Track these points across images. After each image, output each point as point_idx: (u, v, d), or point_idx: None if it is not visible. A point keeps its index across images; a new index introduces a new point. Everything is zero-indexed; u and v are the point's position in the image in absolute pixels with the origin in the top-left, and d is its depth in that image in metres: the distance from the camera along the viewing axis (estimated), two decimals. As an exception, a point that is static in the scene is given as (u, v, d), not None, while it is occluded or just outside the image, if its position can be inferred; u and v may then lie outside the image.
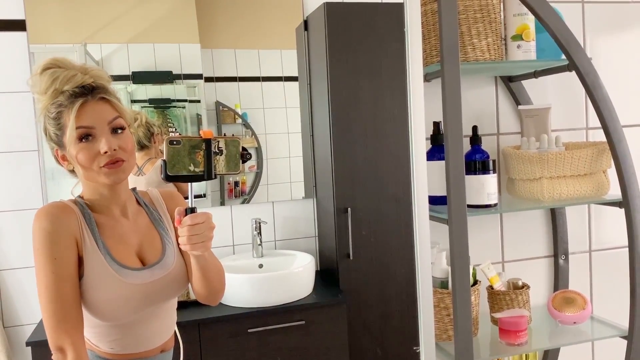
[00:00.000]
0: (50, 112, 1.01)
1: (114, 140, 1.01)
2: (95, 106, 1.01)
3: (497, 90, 1.86)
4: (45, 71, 1.01)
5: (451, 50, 1.25)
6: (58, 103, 1.00)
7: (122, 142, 1.02)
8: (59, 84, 1.00)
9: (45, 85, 1.01)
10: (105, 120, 1.01)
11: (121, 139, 1.03)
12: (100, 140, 1.00)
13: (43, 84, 1.01)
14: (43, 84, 1.01)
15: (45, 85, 1.01)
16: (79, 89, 1.00)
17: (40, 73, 1.01)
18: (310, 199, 2.04)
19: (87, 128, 1.00)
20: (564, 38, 1.39)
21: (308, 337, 1.66)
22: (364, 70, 1.78)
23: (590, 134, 1.96)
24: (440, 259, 1.58)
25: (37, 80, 1.02)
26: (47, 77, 1.00)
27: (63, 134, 1.00)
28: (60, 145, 1.03)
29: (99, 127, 1.01)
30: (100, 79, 1.04)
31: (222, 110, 1.97)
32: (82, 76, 1.01)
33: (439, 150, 1.50)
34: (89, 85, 1.01)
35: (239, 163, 1.03)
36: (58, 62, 1.02)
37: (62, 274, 0.99)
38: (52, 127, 1.02)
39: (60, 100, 1.00)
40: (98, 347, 1.09)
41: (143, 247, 1.11)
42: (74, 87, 1.00)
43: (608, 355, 2.04)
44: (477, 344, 1.58)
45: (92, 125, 1.00)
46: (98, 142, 1.00)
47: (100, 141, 1.00)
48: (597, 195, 1.57)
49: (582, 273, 1.99)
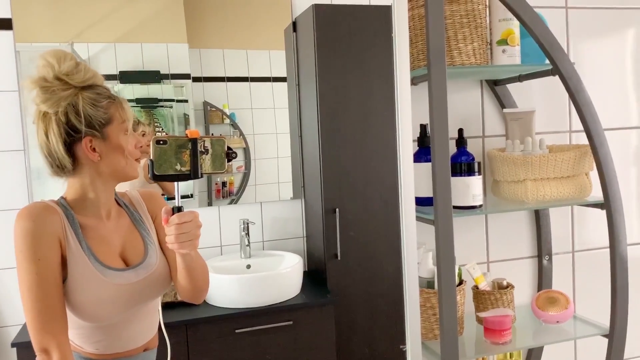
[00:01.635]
0: (96, 100, 1.04)
1: None
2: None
3: (482, 93, 1.88)
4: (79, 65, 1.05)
5: (438, 54, 1.27)
6: (105, 94, 1.06)
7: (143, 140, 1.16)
8: (97, 79, 1.07)
9: (87, 77, 1.04)
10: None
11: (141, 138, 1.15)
12: (134, 136, 1.11)
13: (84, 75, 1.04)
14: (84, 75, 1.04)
15: (87, 76, 1.05)
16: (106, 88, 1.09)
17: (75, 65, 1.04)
18: (299, 200, 2.04)
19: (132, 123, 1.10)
20: (548, 43, 1.41)
21: (296, 338, 1.66)
22: (352, 71, 1.79)
23: (573, 137, 1.99)
24: (426, 259, 1.60)
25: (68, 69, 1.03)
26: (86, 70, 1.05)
27: (109, 124, 1.05)
28: (101, 133, 1.05)
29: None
30: None
31: (210, 110, 1.97)
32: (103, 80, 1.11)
33: (426, 152, 1.52)
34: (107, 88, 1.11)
35: (225, 162, 1.04)
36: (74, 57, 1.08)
37: (45, 275, 0.98)
38: (96, 114, 1.04)
39: (105, 92, 1.06)
40: (82, 348, 1.09)
41: (126, 248, 1.11)
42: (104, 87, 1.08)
43: (590, 354, 2.08)
44: (462, 343, 1.60)
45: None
46: (134, 137, 1.10)
47: (135, 136, 1.11)
48: (580, 197, 1.60)
49: (565, 273, 2.03)
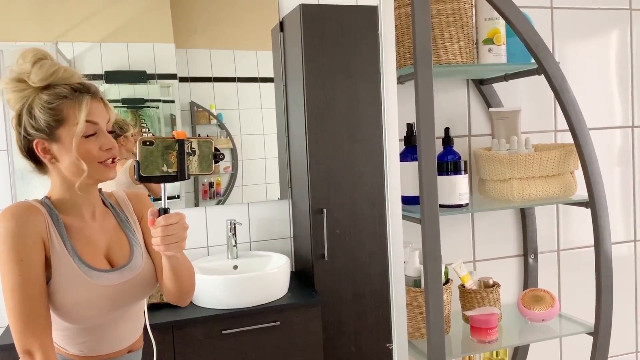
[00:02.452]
0: (47, 102, 1.00)
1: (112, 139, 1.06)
2: (98, 105, 1.04)
3: (468, 93, 1.89)
4: (39, 61, 1.00)
5: (424, 53, 1.27)
6: (60, 94, 1.00)
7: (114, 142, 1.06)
8: (58, 79, 1.01)
9: (41, 76, 1.00)
10: (106, 120, 1.06)
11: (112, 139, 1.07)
12: (102, 137, 1.04)
13: (38, 75, 0.99)
14: (38, 75, 0.99)
15: (42, 75, 1.00)
16: (79, 85, 1.03)
17: (32, 64, 1.00)
18: (286, 200, 2.04)
19: (94, 124, 1.02)
20: (533, 42, 1.43)
21: (283, 338, 1.66)
22: (339, 71, 1.79)
23: (558, 136, 2.01)
24: (413, 258, 1.60)
25: (26, 70, 1.00)
26: (44, 68, 1.00)
27: (60, 126, 1.00)
28: (50, 137, 1.01)
29: (101, 125, 1.04)
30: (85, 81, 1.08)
31: (196, 110, 1.96)
32: (78, 75, 1.05)
33: (412, 151, 1.52)
34: (85, 84, 1.04)
35: (212, 163, 1.03)
36: (47, 55, 1.03)
37: (28, 276, 0.97)
38: (45, 117, 1.00)
39: (63, 92, 1.00)
40: (66, 350, 1.07)
41: (111, 249, 1.10)
42: (74, 84, 1.02)
43: (575, 351, 2.10)
44: (449, 342, 1.61)
45: (98, 122, 1.03)
46: (100, 139, 1.03)
47: (103, 138, 1.04)
48: (565, 196, 1.61)
49: (551, 272, 2.04)
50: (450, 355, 1.55)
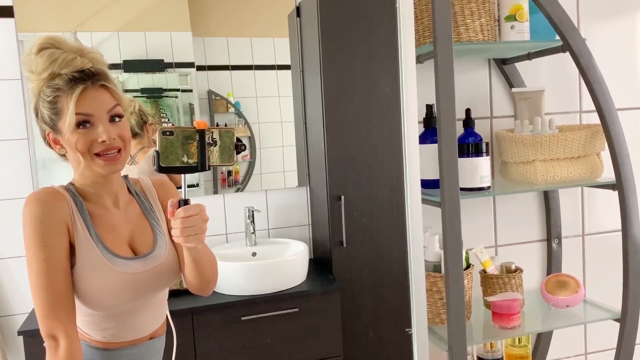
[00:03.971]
0: (47, 94, 0.98)
1: (112, 129, 1.00)
2: (95, 93, 0.99)
3: (490, 73, 1.85)
4: (42, 51, 0.98)
5: (444, 30, 1.24)
6: (56, 87, 0.97)
7: (120, 131, 1.01)
8: (57, 67, 0.97)
9: (42, 67, 0.98)
10: (105, 109, 1.00)
11: (119, 127, 1.02)
12: (98, 127, 0.99)
13: (40, 65, 0.98)
14: (40, 65, 0.98)
15: (42, 66, 0.98)
16: (78, 73, 0.98)
17: (36, 53, 0.98)
18: (304, 187, 2.03)
19: (86, 115, 0.98)
20: (557, 18, 1.38)
21: (302, 324, 1.65)
22: (356, 55, 1.76)
23: (583, 117, 1.95)
24: (433, 243, 1.58)
25: (32, 60, 0.99)
26: (44, 58, 0.97)
27: (59, 119, 0.99)
28: (54, 129, 1.01)
29: (98, 114, 0.99)
30: (98, 62, 1.02)
31: (214, 99, 1.96)
32: (81, 60, 0.99)
33: (432, 134, 1.49)
34: (88, 70, 0.99)
35: (234, 154, 1.01)
36: (54, 42, 0.99)
37: (53, 261, 0.97)
38: (46, 110, 0.99)
39: (59, 83, 0.97)
40: (89, 336, 1.08)
41: (134, 237, 1.10)
42: (73, 71, 0.98)
43: (601, 338, 2.05)
44: (470, 328, 1.58)
45: (91, 112, 0.99)
46: (96, 130, 0.99)
47: (98, 129, 0.99)
48: (591, 178, 1.57)
49: (575, 257, 2.00)
50: (471, 341, 1.52)
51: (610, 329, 1.63)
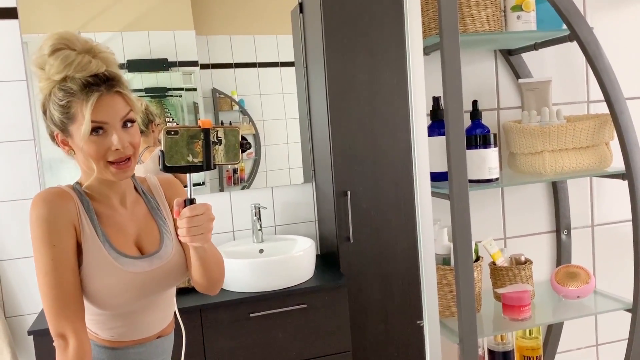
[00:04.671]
0: (59, 98, 0.96)
1: (125, 136, 0.99)
2: (110, 101, 0.97)
3: (496, 64, 1.84)
4: (56, 52, 0.96)
5: (450, 21, 1.23)
6: (70, 91, 0.95)
7: (131, 137, 1.00)
8: (72, 71, 0.95)
9: (55, 70, 0.95)
10: (119, 116, 0.99)
11: (130, 134, 1.00)
12: (111, 135, 0.97)
13: (54, 67, 0.95)
14: (53, 68, 0.95)
15: (56, 69, 0.95)
16: (92, 78, 0.96)
17: (49, 54, 0.96)
18: (310, 184, 2.02)
19: (101, 123, 0.97)
20: (564, 7, 1.37)
21: (310, 320, 1.65)
22: (361, 49, 1.75)
23: (591, 107, 1.94)
24: (441, 236, 1.57)
25: (44, 61, 0.96)
26: (58, 60, 0.95)
27: (71, 123, 0.97)
28: (63, 132, 0.99)
29: (112, 122, 0.98)
30: (111, 64, 1.00)
31: (218, 97, 1.95)
32: (95, 63, 0.97)
33: (439, 126, 1.48)
34: (102, 74, 0.97)
35: (239, 153, 1.00)
36: (68, 42, 0.97)
37: (61, 261, 0.97)
38: (57, 113, 0.97)
39: (72, 88, 0.95)
40: (97, 335, 1.08)
41: (141, 236, 1.09)
42: (87, 76, 0.96)
43: (612, 329, 2.04)
44: (480, 320, 1.58)
45: (106, 120, 0.97)
46: (109, 137, 0.98)
47: (111, 136, 0.97)
48: (600, 168, 1.56)
49: (585, 248, 1.99)
50: (482, 334, 1.52)
51: (621, 320, 1.61)
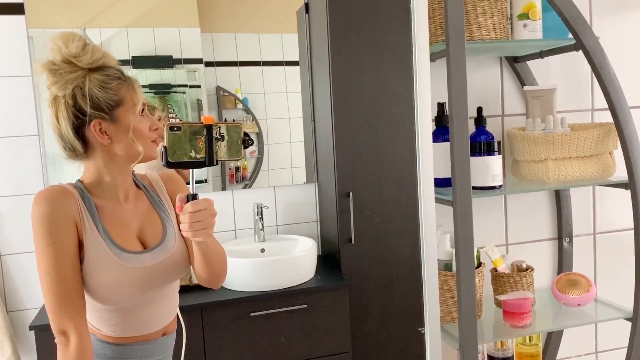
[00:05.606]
0: (105, 82, 1.00)
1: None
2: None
3: (502, 71, 1.83)
4: (87, 45, 1.02)
5: (456, 29, 1.23)
6: (115, 75, 1.02)
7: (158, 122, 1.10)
8: (108, 60, 1.03)
9: (95, 58, 1.01)
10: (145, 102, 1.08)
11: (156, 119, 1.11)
12: (149, 117, 1.07)
13: (92, 56, 1.01)
14: (92, 57, 1.01)
15: (95, 57, 1.01)
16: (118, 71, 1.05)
17: (83, 46, 1.01)
18: (312, 184, 2.02)
19: (144, 104, 1.06)
20: (571, 16, 1.37)
21: (311, 321, 1.65)
22: (366, 51, 1.75)
23: (595, 115, 1.94)
24: (444, 241, 1.57)
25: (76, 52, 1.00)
26: (94, 51, 1.01)
27: (118, 106, 1.01)
28: (110, 116, 1.01)
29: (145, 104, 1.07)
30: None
31: (222, 95, 1.95)
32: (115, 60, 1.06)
33: (444, 132, 1.48)
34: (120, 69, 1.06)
35: (241, 149, 1.01)
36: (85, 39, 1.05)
37: (62, 258, 0.98)
38: (105, 96, 1.00)
39: (115, 73, 1.02)
40: (99, 331, 1.08)
41: (143, 230, 1.10)
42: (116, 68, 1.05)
43: (612, 337, 2.04)
44: (481, 326, 1.58)
45: (144, 101, 1.07)
46: (149, 119, 1.07)
47: (149, 118, 1.07)
48: (603, 177, 1.56)
49: (587, 255, 1.99)
50: (483, 340, 1.52)
51: (621, 328, 1.62)
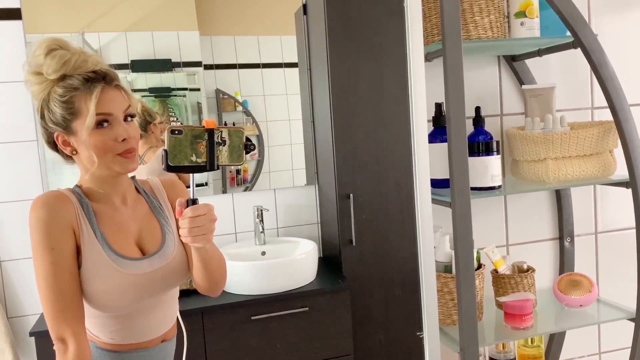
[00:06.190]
0: (60, 94, 0.98)
1: (129, 128, 1.01)
2: (112, 93, 1.00)
3: (500, 70, 1.82)
4: (51, 52, 0.98)
5: (453, 27, 1.22)
6: (71, 86, 0.97)
7: (132, 131, 1.02)
8: (71, 68, 0.98)
9: (54, 68, 0.97)
10: (121, 109, 1.01)
11: (131, 128, 1.02)
12: (116, 127, 0.99)
13: (51, 66, 0.97)
14: (51, 67, 0.97)
15: (55, 67, 0.97)
16: (92, 73, 0.99)
17: (45, 54, 0.98)
18: (312, 186, 2.02)
19: (106, 115, 0.99)
20: (569, 14, 1.35)
21: (312, 324, 1.65)
22: (364, 52, 1.75)
23: (595, 113, 1.92)
24: (443, 243, 1.56)
25: (40, 62, 0.98)
26: (56, 59, 0.97)
27: (74, 119, 0.98)
28: (66, 129, 1.00)
29: (116, 114, 1.00)
30: (103, 65, 1.03)
31: (222, 98, 1.95)
32: (92, 61, 1.00)
33: (441, 132, 1.47)
34: (99, 70, 1.00)
35: (243, 154, 1.00)
36: (61, 44, 1.00)
37: (60, 264, 0.97)
38: (60, 110, 0.98)
39: (74, 83, 0.97)
40: (98, 338, 1.08)
41: (142, 236, 1.09)
42: (87, 72, 0.98)
43: (615, 338, 2.02)
44: (482, 329, 1.57)
45: (111, 112, 0.99)
46: (115, 130, 0.99)
47: (117, 128, 0.99)
48: (604, 176, 1.54)
49: (588, 255, 1.97)
50: (484, 342, 1.51)
51: (624, 329, 1.60)
